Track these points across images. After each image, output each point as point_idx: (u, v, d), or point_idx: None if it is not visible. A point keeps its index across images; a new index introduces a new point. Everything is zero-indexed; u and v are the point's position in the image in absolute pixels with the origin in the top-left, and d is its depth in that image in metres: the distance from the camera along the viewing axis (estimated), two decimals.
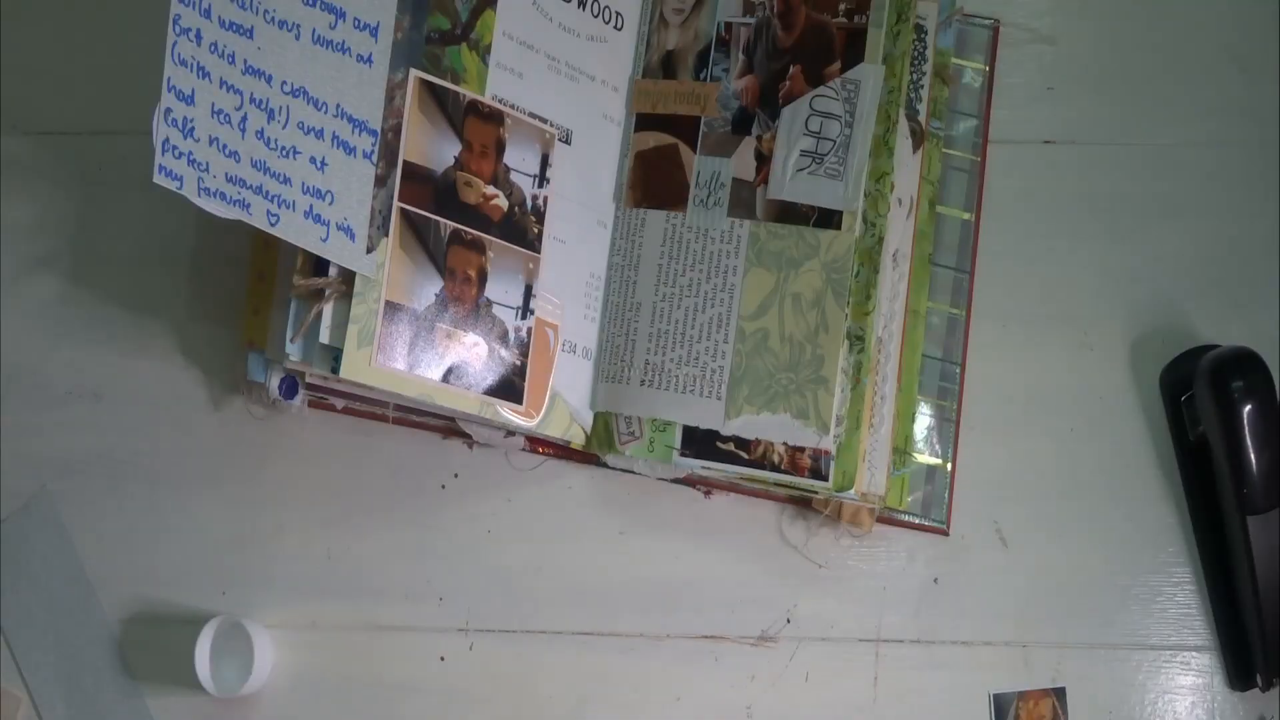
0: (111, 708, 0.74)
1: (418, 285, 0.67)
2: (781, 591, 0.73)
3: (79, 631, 0.74)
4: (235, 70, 0.62)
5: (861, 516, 0.72)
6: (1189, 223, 0.76)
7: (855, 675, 0.73)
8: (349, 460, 0.75)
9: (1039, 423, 0.73)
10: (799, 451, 0.69)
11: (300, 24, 0.63)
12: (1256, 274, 0.75)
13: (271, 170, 0.62)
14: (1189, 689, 0.72)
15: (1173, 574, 0.73)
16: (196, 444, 0.76)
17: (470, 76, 0.68)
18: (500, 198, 0.69)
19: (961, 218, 0.74)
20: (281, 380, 0.72)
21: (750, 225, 0.71)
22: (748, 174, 0.71)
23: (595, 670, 0.73)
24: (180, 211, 0.70)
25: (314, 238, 0.64)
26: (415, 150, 0.66)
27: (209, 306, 0.77)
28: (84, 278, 0.78)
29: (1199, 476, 0.73)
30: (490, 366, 0.69)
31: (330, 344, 0.65)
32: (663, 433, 0.69)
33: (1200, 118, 0.77)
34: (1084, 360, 0.75)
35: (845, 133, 0.70)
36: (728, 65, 0.72)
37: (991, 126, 0.76)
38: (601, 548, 0.74)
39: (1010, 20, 0.78)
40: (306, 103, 0.63)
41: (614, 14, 0.73)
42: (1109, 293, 0.76)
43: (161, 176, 0.60)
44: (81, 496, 0.75)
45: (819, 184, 0.70)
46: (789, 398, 0.69)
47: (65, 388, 0.77)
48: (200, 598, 0.74)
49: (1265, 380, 0.69)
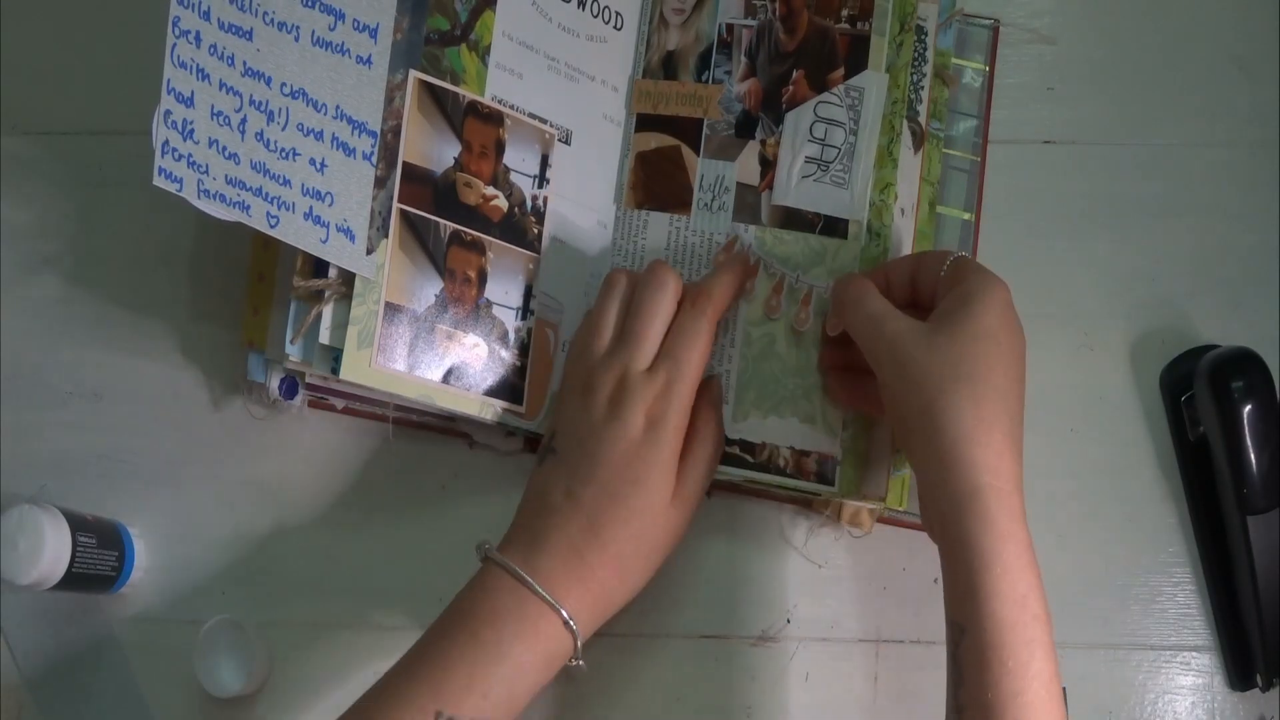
0: (111, 708, 0.74)
1: (418, 286, 0.67)
2: (781, 591, 0.73)
3: (79, 631, 0.74)
4: (234, 72, 0.62)
5: (862, 517, 0.72)
6: (1189, 223, 0.76)
7: (855, 675, 0.73)
8: (349, 460, 0.75)
9: (1039, 423, 0.73)
10: (804, 455, 0.69)
11: (299, 26, 0.63)
12: (1256, 274, 0.75)
13: (271, 172, 0.62)
14: (1189, 689, 0.72)
15: (1173, 574, 0.73)
16: (196, 444, 0.76)
17: (470, 77, 0.68)
18: (500, 198, 0.69)
19: (961, 218, 0.74)
20: (281, 380, 0.73)
21: (755, 230, 0.71)
22: (752, 179, 0.71)
23: (596, 670, 0.73)
24: (180, 212, 0.70)
25: (314, 239, 0.64)
26: (415, 151, 0.66)
27: (209, 306, 0.77)
28: (84, 278, 0.78)
29: (1199, 476, 0.73)
30: (490, 367, 0.69)
31: (330, 345, 0.65)
32: None
33: (1200, 118, 0.77)
34: (1084, 360, 0.75)
35: (850, 140, 0.70)
36: (730, 68, 0.72)
37: (991, 126, 0.76)
38: None
39: (1010, 20, 0.78)
40: (306, 104, 0.63)
41: (614, 14, 0.73)
42: (1109, 293, 0.76)
43: (161, 179, 0.60)
44: (81, 496, 0.75)
45: (825, 191, 0.70)
46: (796, 403, 0.69)
47: (65, 388, 0.77)
48: (200, 598, 0.74)
49: (1265, 380, 0.69)
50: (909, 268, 0.66)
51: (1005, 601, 0.56)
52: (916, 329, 0.61)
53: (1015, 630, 0.56)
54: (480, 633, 0.60)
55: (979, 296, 0.61)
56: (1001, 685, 0.56)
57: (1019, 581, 0.57)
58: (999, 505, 0.58)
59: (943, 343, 0.60)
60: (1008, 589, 0.57)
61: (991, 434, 0.58)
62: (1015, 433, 0.60)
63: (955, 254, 0.65)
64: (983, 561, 0.57)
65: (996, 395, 0.59)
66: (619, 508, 0.63)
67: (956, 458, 0.58)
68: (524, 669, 0.60)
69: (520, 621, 0.61)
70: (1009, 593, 0.57)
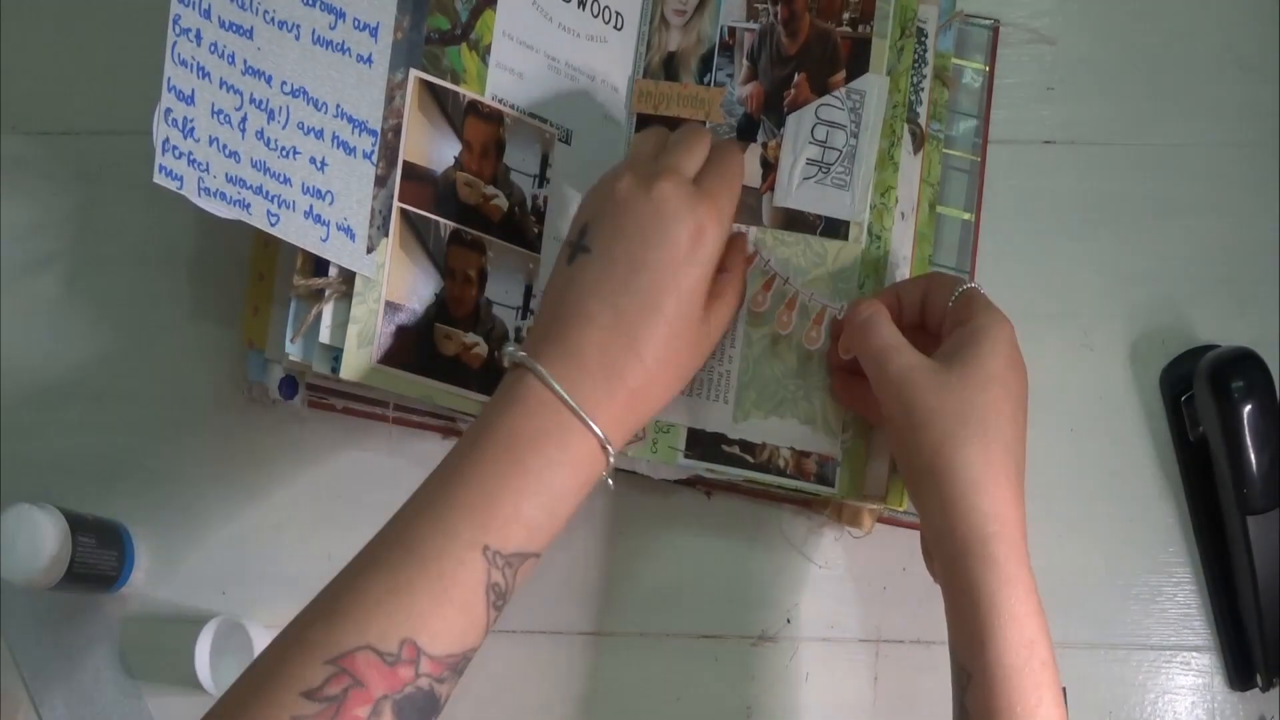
0: (111, 708, 0.74)
1: (418, 285, 0.67)
2: (781, 591, 0.73)
3: (79, 631, 0.74)
4: (235, 70, 0.62)
5: (862, 517, 0.72)
6: (1189, 223, 0.76)
7: (855, 675, 0.73)
8: (349, 460, 0.75)
9: (1039, 423, 0.73)
10: (805, 456, 0.69)
11: (300, 24, 0.63)
12: (1256, 274, 0.75)
13: (271, 170, 0.62)
14: (1189, 689, 0.72)
15: (1173, 574, 0.73)
16: (196, 444, 0.76)
17: (470, 76, 0.68)
18: (500, 198, 0.69)
19: (961, 218, 0.74)
20: (281, 380, 0.72)
21: (756, 231, 0.71)
22: (753, 181, 0.71)
23: (595, 670, 0.73)
24: (180, 211, 0.70)
25: (314, 238, 0.64)
26: (415, 150, 0.66)
27: (209, 306, 0.77)
28: (84, 278, 0.78)
29: (1199, 476, 0.73)
30: (491, 367, 0.69)
31: (330, 344, 0.65)
32: (666, 434, 0.69)
33: (1200, 118, 0.77)
34: (1084, 360, 0.75)
35: (851, 143, 0.70)
36: (732, 70, 0.72)
37: (991, 127, 0.76)
38: (602, 547, 0.74)
39: (1010, 20, 0.78)
40: (306, 103, 0.63)
41: (614, 14, 0.73)
42: (1109, 293, 0.76)
43: (162, 176, 0.60)
44: (81, 496, 0.75)
45: (826, 193, 0.70)
46: (797, 404, 0.69)
47: (65, 388, 0.77)
48: (200, 598, 0.74)
49: (1265, 380, 0.69)
50: (920, 289, 0.66)
51: (1012, 648, 0.56)
52: (925, 367, 0.61)
53: (1023, 676, 0.56)
54: (525, 460, 0.57)
55: (986, 337, 0.61)
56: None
57: (1026, 627, 0.57)
58: (1006, 552, 0.58)
59: (953, 385, 0.60)
60: (1015, 635, 0.56)
61: (999, 481, 0.59)
62: (1020, 478, 0.60)
63: (966, 284, 0.65)
64: (989, 608, 0.57)
65: (1003, 442, 0.59)
66: (661, 323, 0.60)
67: (965, 507, 0.58)
68: (565, 495, 0.58)
69: (563, 449, 0.58)
70: (1016, 639, 0.56)
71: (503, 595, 0.56)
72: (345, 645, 0.52)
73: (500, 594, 0.56)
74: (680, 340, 0.61)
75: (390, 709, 0.52)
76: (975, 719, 0.57)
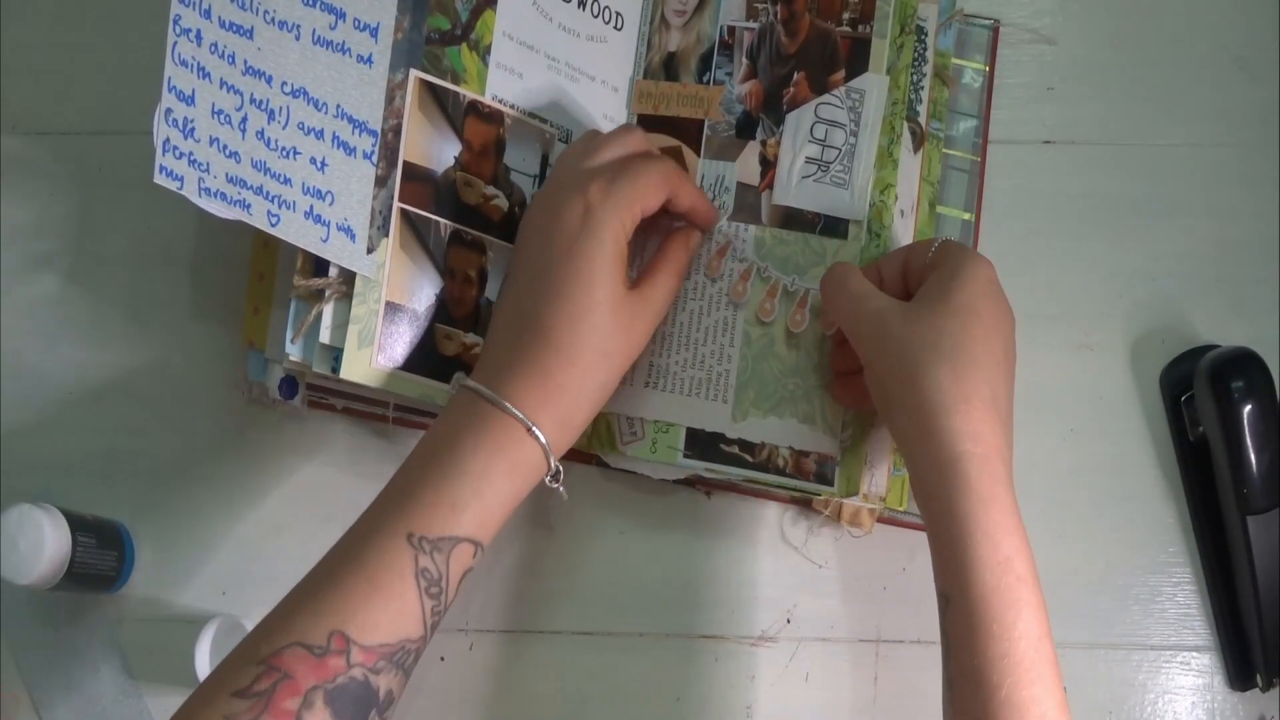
0: (111, 708, 0.74)
1: (418, 285, 0.67)
2: (781, 591, 0.73)
3: (79, 631, 0.74)
4: (235, 71, 0.62)
5: (862, 517, 0.72)
6: (1189, 223, 0.76)
7: (855, 675, 0.73)
8: (349, 460, 0.75)
9: (1039, 423, 0.73)
10: (804, 455, 0.69)
11: (300, 24, 0.63)
12: (1256, 274, 0.75)
13: (272, 171, 0.62)
14: (1189, 689, 0.72)
15: (1173, 574, 0.73)
16: (196, 444, 0.76)
17: (470, 77, 0.68)
18: (500, 198, 0.69)
19: (961, 218, 0.74)
20: (281, 380, 0.72)
21: (755, 230, 0.71)
22: (752, 179, 0.71)
23: (595, 670, 0.73)
24: (180, 212, 0.70)
25: (314, 238, 0.64)
26: (415, 150, 0.66)
27: (209, 306, 0.77)
28: (84, 278, 0.78)
29: (1199, 476, 0.73)
30: None
31: (330, 344, 0.65)
32: (665, 434, 0.69)
33: (1200, 118, 0.77)
34: (1084, 360, 0.75)
35: (850, 141, 0.70)
36: (731, 69, 0.72)
37: (991, 126, 0.76)
38: (601, 547, 0.74)
39: (1010, 20, 0.78)
40: (306, 103, 0.63)
41: (614, 14, 0.73)
42: (1109, 293, 0.76)
43: (162, 176, 0.60)
44: (81, 496, 0.75)
45: (825, 191, 0.70)
46: (796, 403, 0.69)
47: (65, 388, 0.77)
48: (200, 598, 0.74)
49: (1265, 380, 0.69)
50: (900, 258, 0.67)
51: (987, 566, 0.56)
52: (897, 306, 0.62)
53: (999, 594, 0.56)
54: (442, 452, 0.59)
55: (959, 273, 0.61)
56: (988, 650, 0.55)
57: (1002, 544, 0.57)
58: (979, 471, 0.57)
59: (923, 315, 0.60)
60: (989, 553, 0.56)
61: (970, 403, 0.58)
62: (999, 403, 0.60)
63: (942, 239, 0.65)
64: (964, 528, 0.57)
65: (976, 366, 0.59)
66: (566, 305, 0.61)
67: (936, 427, 0.58)
68: (491, 478, 0.59)
69: (481, 434, 0.59)
70: (991, 557, 0.56)
71: (436, 582, 0.57)
72: (275, 644, 0.54)
73: (433, 580, 0.57)
74: (592, 320, 0.62)
75: (322, 699, 0.53)
76: (954, 642, 0.57)
